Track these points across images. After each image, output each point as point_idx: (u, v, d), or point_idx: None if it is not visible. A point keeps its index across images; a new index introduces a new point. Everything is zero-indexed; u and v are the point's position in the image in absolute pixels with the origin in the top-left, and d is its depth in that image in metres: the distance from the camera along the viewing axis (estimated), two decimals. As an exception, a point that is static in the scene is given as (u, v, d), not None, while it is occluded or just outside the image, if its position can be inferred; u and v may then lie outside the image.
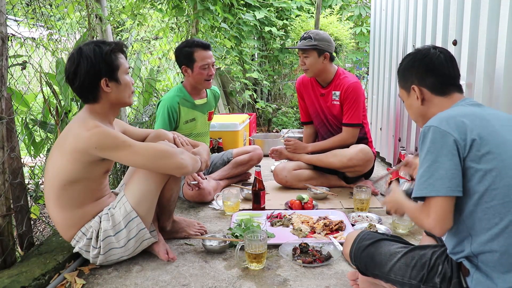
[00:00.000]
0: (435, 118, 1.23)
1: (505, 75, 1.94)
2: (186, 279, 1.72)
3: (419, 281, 1.26)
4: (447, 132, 1.16)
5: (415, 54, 1.40)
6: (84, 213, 1.74)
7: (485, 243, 1.13)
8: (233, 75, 4.98)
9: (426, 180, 1.17)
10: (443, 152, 1.15)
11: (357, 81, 2.85)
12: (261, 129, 5.68)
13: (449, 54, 1.37)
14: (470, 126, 1.16)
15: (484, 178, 1.12)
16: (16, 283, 1.57)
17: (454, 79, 1.36)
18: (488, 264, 1.13)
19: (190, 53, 2.62)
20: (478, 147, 1.13)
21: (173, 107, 2.67)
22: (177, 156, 1.73)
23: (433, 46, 1.40)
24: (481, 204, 1.13)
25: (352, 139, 2.85)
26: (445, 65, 1.34)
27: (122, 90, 1.72)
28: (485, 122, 1.18)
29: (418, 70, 1.37)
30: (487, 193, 1.12)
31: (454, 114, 1.21)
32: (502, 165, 1.12)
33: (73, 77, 1.65)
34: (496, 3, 1.97)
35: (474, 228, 1.15)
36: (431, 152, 1.18)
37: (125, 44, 1.78)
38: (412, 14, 2.99)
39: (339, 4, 6.10)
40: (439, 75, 1.34)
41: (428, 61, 1.36)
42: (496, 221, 1.11)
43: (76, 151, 1.61)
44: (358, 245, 1.43)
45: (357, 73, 6.57)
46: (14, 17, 3.12)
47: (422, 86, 1.37)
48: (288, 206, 2.53)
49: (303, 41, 2.76)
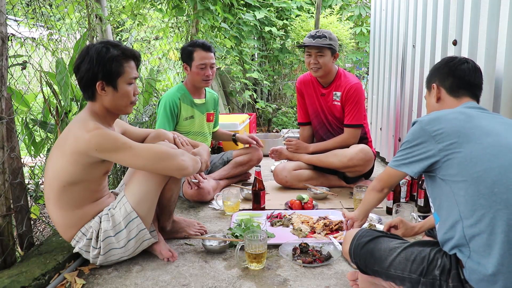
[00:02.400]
0: (426, 116, 1.39)
1: (505, 75, 1.94)
2: (186, 279, 1.72)
3: (419, 274, 1.27)
4: (425, 127, 1.34)
5: (447, 61, 1.56)
6: (84, 214, 1.74)
7: (474, 225, 1.18)
8: (233, 75, 4.98)
9: (399, 159, 1.43)
10: (417, 143, 1.35)
11: (359, 82, 2.85)
12: (261, 129, 5.68)
13: (476, 66, 1.52)
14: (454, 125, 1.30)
15: (461, 167, 1.23)
16: (16, 283, 1.57)
17: (471, 86, 1.49)
18: (478, 250, 1.17)
19: (190, 52, 2.70)
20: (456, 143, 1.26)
21: (175, 102, 2.73)
22: (177, 158, 1.73)
23: (465, 59, 1.54)
24: (464, 191, 1.22)
25: (354, 140, 2.85)
26: (467, 72, 1.49)
27: (118, 98, 1.70)
28: (477, 122, 1.30)
29: (443, 71, 1.54)
30: (475, 179, 1.21)
31: (445, 113, 1.36)
32: (482, 153, 1.22)
33: (76, 71, 1.68)
34: (496, 3, 1.98)
35: (464, 212, 1.21)
36: (408, 141, 1.39)
37: (137, 53, 1.75)
38: (412, 14, 2.99)
39: (339, 4, 6.10)
40: (458, 78, 1.50)
41: (453, 65, 1.52)
42: (480, 201, 1.19)
43: (76, 153, 1.61)
44: (357, 242, 1.44)
45: (357, 73, 6.58)
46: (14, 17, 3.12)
47: (441, 85, 1.54)
48: (288, 206, 2.53)
49: (318, 39, 2.72)
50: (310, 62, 2.78)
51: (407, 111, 3.11)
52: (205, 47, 2.69)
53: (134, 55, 1.72)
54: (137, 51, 1.78)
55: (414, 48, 2.95)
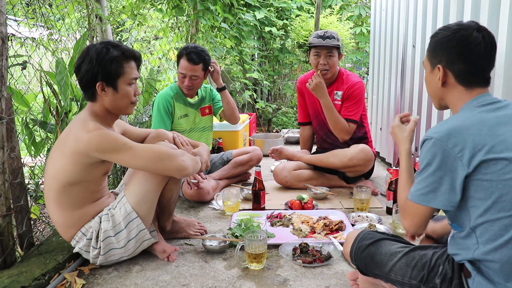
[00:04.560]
0: (440, 129, 1.19)
1: (505, 75, 1.94)
2: (186, 279, 1.72)
3: (419, 281, 1.25)
4: (449, 148, 1.15)
5: (455, 32, 1.24)
6: (84, 214, 1.74)
7: (488, 253, 1.13)
8: (233, 75, 4.98)
9: (424, 190, 1.20)
10: (443, 168, 1.16)
11: (361, 80, 2.86)
12: (261, 129, 5.68)
13: (491, 42, 1.23)
14: (476, 141, 1.13)
15: (491, 191, 1.12)
16: (16, 283, 1.57)
17: (484, 71, 1.24)
18: (490, 269, 1.13)
19: (179, 56, 2.71)
20: (484, 163, 1.12)
21: (168, 101, 2.74)
22: (177, 158, 1.73)
23: (477, 27, 1.23)
24: (488, 215, 1.13)
25: (346, 136, 2.79)
26: (482, 55, 1.22)
27: (119, 99, 1.69)
28: (494, 131, 1.14)
29: (451, 51, 1.24)
30: (494, 205, 1.12)
31: (459, 126, 1.17)
32: (510, 177, 1.11)
33: (76, 71, 1.68)
34: (496, 3, 1.98)
35: (481, 237, 1.15)
36: (430, 165, 1.18)
37: (138, 54, 1.75)
38: (412, 14, 2.99)
39: (339, 4, 6.10)
40: (472, 64, 1.23)
41: (466, 46, 1.22)
42: (502, 232, 1.11)
43: (76, 153, 1.61)
44: (358, 245, 1.43)
45: (357, 73, 6.58)
46: (14, 17, 3.12)
47: (449, 69, 1.26)
48: (288, 206, 2.53)
49: (328, 40, 2.69)
50: (319, 62, 2.73)
51: (407, 111, 3.11)
52: (190, 58, 2.63)
53: (134, 55, 1.72)
54: (137, 51, 1.77)
55: (414, 48, 2.95)
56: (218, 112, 3.00)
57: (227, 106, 2.93)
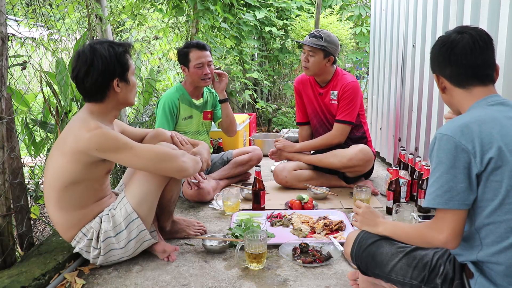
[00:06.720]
0: (451, 126, 1.17)
1: (505, 75, 1.94)
2: (186, 279, 1.72)
3: (420, 281, 1.25)
4: (461, 144, 1.12)
5: (438, 40, 1.31)
6: (85, 214, 1.74)
7: (492, 255, 1.12)
8: (233, 75, 4.98)
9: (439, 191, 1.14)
10: (457, 165, 1.12)
11: (355, 80, 2.85)
12: (261, 129, 5.68)
13: (480, 39, 1.22)
14: (487, 138, 1.11)
15: (499, 191, 1.10)
16: (16, 283, 1.57)
17: (475, 69, 1.23)
18: (493, 271, 1.13)
19: (186, 53, 2.72)
20: (495, 161, 1.10)
21: (174, 103, 2.74)
22: (178, 159, 1.73)
23: (458, 30, 1.26)
24: (494, 217, 1.12)
25: (341, 137, 2.84)
26: (467, 53, 1.22)
27: (130, 91, 1.74)
28: (506, 130, 1.12)
29: (438, 59, 1.30)
30: (501, 206, 1.11)
31: (470, 122, 1.14)
32: None
33: (84, 76, 1.62)
34: (496, 3, 1.97)
35: (486, 239, 1.14)
36: (443, 163, 1.14)
37: (130, 43, 1.78)
38: (412, 14, 2.99)
39: (339, 4, 6.09)
40: (458, 64, 1.24)
41: (447, 49, 1.25)
42: (508, 235, 1.10)
43: (77, 152, 1.60)
44: (359, 245, 1.43)
45: (357, 73, 6.57)
46: (14, 17, 3.12)
47: (442, 75, 1.30)
48: (288, 206, 2.53)
49: (313, 38, 2.74)
50: (302, 59, 2.83)
51: (407, 111, 3.11)
52: (200, 46, 2.71)
53: (129, 46, 1.75)
54: (130, 42, 1.81)
55: (414, 48, 2.95)
56: (217, 121, 3.04)
57: (226, 118, 2.96)
